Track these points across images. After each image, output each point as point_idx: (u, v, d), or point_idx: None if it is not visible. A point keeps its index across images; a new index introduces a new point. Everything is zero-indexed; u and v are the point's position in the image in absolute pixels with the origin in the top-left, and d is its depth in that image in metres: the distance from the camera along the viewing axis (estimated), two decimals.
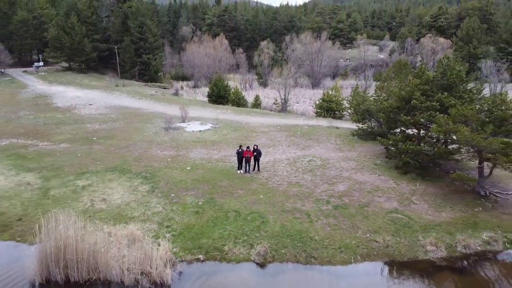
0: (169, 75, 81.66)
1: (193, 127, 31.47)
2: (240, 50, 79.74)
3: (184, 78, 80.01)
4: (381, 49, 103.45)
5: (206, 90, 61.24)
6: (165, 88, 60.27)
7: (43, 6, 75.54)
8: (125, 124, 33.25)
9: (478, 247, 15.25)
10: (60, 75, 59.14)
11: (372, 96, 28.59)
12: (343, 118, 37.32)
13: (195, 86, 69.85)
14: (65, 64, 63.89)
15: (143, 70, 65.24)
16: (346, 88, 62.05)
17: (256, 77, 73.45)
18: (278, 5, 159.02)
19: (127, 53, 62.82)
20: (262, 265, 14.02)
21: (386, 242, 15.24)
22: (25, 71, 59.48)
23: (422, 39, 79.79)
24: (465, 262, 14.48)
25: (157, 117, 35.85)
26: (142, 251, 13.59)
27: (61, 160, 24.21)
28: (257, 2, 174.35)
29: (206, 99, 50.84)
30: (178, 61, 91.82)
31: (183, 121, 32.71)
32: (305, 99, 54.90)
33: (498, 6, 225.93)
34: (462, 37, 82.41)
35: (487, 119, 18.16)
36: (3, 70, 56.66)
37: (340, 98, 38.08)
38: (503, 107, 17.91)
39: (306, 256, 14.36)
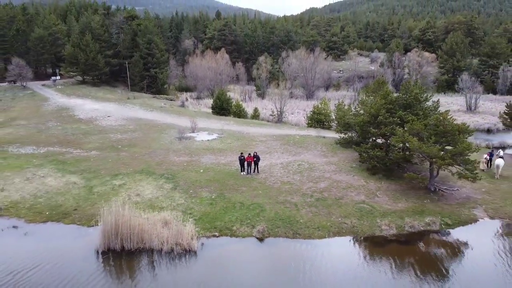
0: (174, 86, 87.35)
1: (202, 136, 36.92)
2: (240, 64, 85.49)
3: (187, 89, 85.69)
4: (372, 61, 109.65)
5: (209, 101, 66.88)
6: (172, 100, 65.88)
7: (55, 22, 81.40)
8: (143, 135, 38.67)
9: (421, 227, 20.62)
10: (76, 88, 64.70)
11: (351, 111, 34.04)
12: (331, 128, 42.75)
13: (198, 98, 75.43)
14: (79, 78, 69.45)
15: (151, 83, 70.89)
16: (337, 99, 67.83)
17: (255, 88, 79.14)
18: (278, 14, 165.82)
19: (136, 68, 68.47)
20: (261, 239, 19.35)
21: (353, 223, 20.62)
22: (43, 85, 64.99)
23: (408, 53, 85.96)
24: (409, 237, 19.85)
25: (170, 127, 41.28)
26: (175, 229, 18.90)
27: (96, 165, 29.54)
28: (255, 14, 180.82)
29: (210, 110, 56.34)
30: (181, 73, 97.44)
31: (193, 132, 38.16)
32: (299, 110, 60.38)
33: (489, 17, 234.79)
34: (446, 50, 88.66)
35: (434, 132, 23.64)
36: (24, 84, 62.12)
37: (328, 111, 43.63)
38: (445, 123, 23.37)
39: (293, 233, 19.72)
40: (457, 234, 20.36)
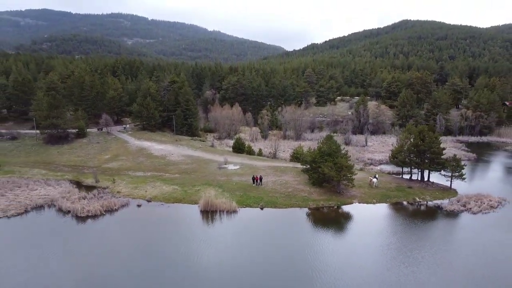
0: (200, 128, 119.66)
1: (231, 167, 67.91)
2: (249, 113, 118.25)
3: (210, 130, 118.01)
4: (350, 107, 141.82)
5: (228, 141, 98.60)
6: (203, 141, 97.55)
7: (114, 82, 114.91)
8: (197, 166, 69.76)
9: (326, 205, 51.06)
10: (141, 133, 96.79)
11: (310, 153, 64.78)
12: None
13: (219, 138, 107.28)
14: (140, 126, 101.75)
15: (188, 128, 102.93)
16: (316, 139, 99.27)
17: (260, 131, 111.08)
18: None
19: (179, 118, 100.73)
20: (262, 208, 49.91)
21: (299, 203, 51.13)
22: (119, 131, 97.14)
23: (369, 104, 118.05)
24: (320, 208, 50.27)
25: (211, 161, 72.37)
26: (228, 204, 49.69)
27: (181, 181, 60.40)
28: (260, 65, 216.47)
29: (230, 149, 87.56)
30: (204, 115, 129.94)
31: (225, 164, 69.19)
32: (289, 148, 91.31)
33: (473, 55, 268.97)
34: (400, 102, 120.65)
35: (337, 166, 54.37)
36: (109, 130, 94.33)
37: (302, 152, 74.41)
38: (340, 162, 54.13)
39: (275, 206, 50.27)
40: (342, 208, 50.77)
